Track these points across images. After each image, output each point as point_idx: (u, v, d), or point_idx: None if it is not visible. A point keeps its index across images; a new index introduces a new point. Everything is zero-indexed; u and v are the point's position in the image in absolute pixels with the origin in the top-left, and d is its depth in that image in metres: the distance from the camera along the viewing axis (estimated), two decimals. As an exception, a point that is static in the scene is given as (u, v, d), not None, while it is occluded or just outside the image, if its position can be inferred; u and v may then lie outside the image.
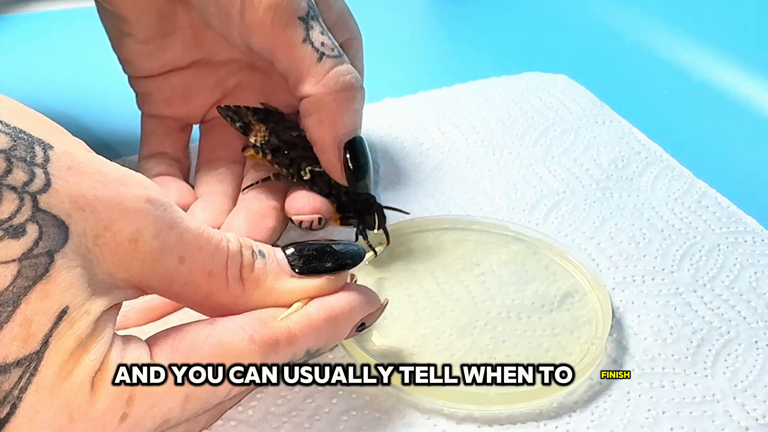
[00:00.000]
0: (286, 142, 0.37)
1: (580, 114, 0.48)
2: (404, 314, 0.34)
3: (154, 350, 0.25)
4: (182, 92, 0.39)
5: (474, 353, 0.33)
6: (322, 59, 0.35)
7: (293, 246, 0.29)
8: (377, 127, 0.46)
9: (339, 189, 0.36)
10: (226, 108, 0.38)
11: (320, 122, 0.35)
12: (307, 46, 0.35)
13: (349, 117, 0.35)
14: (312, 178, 0.36)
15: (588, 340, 0.33)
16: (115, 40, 0.38)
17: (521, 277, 0.36)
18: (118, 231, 0.24)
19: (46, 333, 0.23)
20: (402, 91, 0.49)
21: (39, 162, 0.23)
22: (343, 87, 0.35)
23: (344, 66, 0.35)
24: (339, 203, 0.36)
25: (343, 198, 0.36)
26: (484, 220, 0.39)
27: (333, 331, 0.28)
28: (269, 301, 0.28)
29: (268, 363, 0.26)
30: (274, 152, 0.37)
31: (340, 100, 0.35)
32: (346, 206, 0.36)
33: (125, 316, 0.31)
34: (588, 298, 0.35)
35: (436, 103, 0.49)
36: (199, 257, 0.26)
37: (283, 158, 0.37)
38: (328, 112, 0.35)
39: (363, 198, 0.36)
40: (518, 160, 0.44)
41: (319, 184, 0.36)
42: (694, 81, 0.52)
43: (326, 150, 0.36)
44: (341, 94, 0.35)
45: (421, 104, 0.48)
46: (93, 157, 0.25)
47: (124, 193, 0.24)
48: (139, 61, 0.39)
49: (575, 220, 0.40)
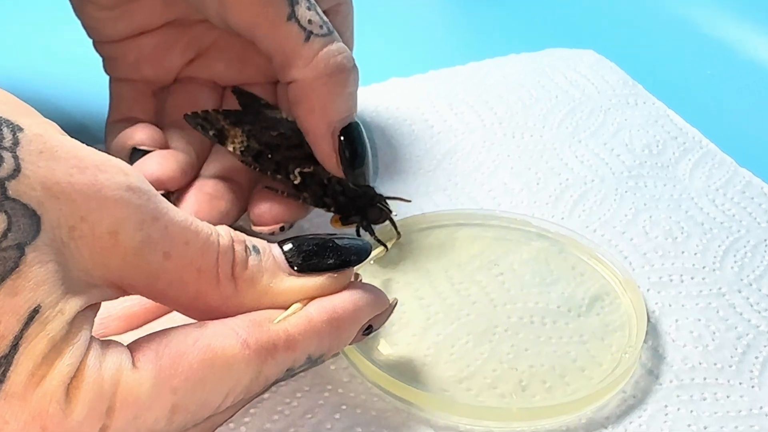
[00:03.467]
0: (267, 145, 0.38)
1: (609, 93, 0.48)
2: (415, 319, 0.34)
3: (136, 356, 0.25)
4: (152, 54, 0.40)
5: (493, 363, 0.33)
6: (309, 39, 0.35)
7: (291, 241, 0.29)
8: (382, 110, 0.46)
9: (335, 189, 0.36)
10: (194, 116, 0.38)
11: (311, 110, 0.35)
12: (293, 25, 0.35)
13: (342, 102, 0.35)
14: (303, 181, 0.37)
15: (620, 348, 0.33)
16: (76, 4, 0.39)
17: (545, 278, 0.36)
18: (95, 222, 0.24)
19: (16, 335, 0.22)
20: (410, 70, 0.49)
21: (7, 145, 0.23)
22: (334, 69, 0.35)
23: (335, 45, 0.35)
24: (337, 204, 0.36)
25: (341, 199, 0.36)
26: (503, 215, 0.39)
27: (337, 335, 0.28)
28: (265, 301, 0.28)
29: (264, 370, 0.26)
30: (257, 158, 0.37)
31: (331, 84, 0.35)
32: (344, 206, 0.36)
33: (102, 324, 0.31)
34: (620, 301, 0.35)
35: (448, 82, 0.48)
36: (186, 253, 0.26)
37: (267, 163, 0.37)
38: (319, 98, 0.35)
39: (361, 193, 0.36)
40: (540, 144, 0.44)
41: (312, 187, 0.37)
42: (739, 59, 0.52)
43: (319, 140, 0.36)
44: (332, 77, 0.35)
45: (432, 84, 0.48)
46: (67, 141, 0.25)
47: (102, 181, 0.24)
48: (103, 27, 0.39)
49: (605, 213, 0.40)
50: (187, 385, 0.25)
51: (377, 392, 0.32)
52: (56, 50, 0.51)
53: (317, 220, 0.39)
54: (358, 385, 0.32)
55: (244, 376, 0.26)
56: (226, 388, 0.26)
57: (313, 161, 0.37)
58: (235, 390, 0.26)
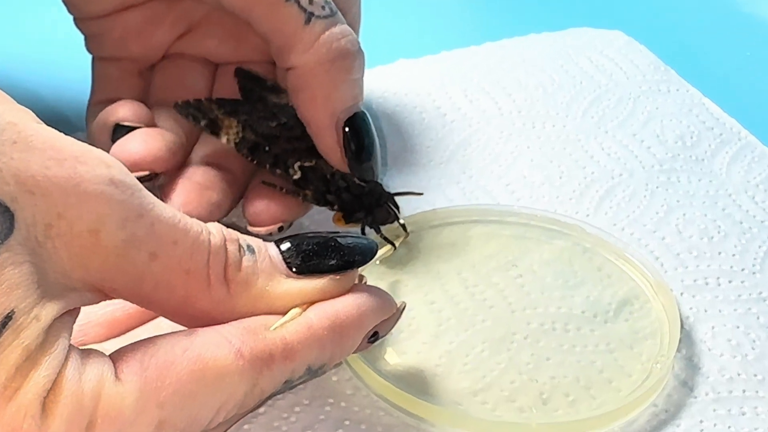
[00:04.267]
0: (264, 137, 0.37)
1: (639, 79, 0.48)
2: (425, 326, 0.34)
3: (119, 367, 0.25)
4: (139, 30, 0.40)
5: (511, 373, 0.33)
6: (310, 21, 0.35)
7: (289, 240, 0.29)
8: (389, 95, 0.46)
9: (338, 185, 0.36)
10: (185, 105, 0.38)
11: (312, 99, 0.35)
12: (292, 5, 0.35)
13: (346, 90, 0.35)
14: (304, 176, 0.37)
15: (651, 358, 0.33)
16: None
17: (568, 280, 0.36)
18: (74, 220, 0.24)
19: (-13, 343, 0.23)
20: (420, 51, 0.49)
21: (-24, 135, 0.23)
22: (337, 54, 0.35)
23: (338, 28, 0.35)
24: (341, 202, 0.36)
25: (345, 195, 0.36)
26: (522, 211, 0.39)
27: (339, 343, 0.28)
28: (260, 306, 0.27)
29: (260, 383, 0.26)
30: (253, 150, 0.37)
31: (334, 71, 0.35)
32: (349, 203, 0.36)
33: (81, 330, 0.31)
34: (650, 305, 0.35)
35: (462, 65, 0.48)
36: (174, 253, 0.26)
37: (264, 156, 0.37)
38: (321, 85, 0.35)
39: (368, 190, 0.36)
40: (563, 135, 0.44)
41: (314, 182, 0.37)
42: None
43: (322, 132, 0.36)
44: (336, 63, 0.35)
45: (444, 66, 0.48)
46: (44, 130, 0.25)
47: (82, 173, 0.24)
48: (85, 2, 0.39)
49: (634, 209, 0.40)
50: (175, 399, 0.25)
51: (384, 406, 0.32)
52: (31, 31, 0.51)
53: (318, 217, 0.39)
54: (362, 399, 0.32)
55: (237, 389, 0.26)
56: (218, 402, 0.26)
57: (315, 154, 0.37)
58: (228, 404, 0.26)
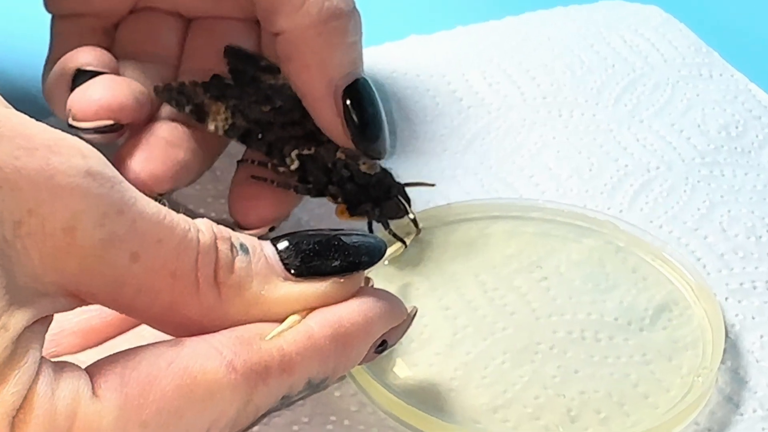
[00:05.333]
0: (257, 123, 0.37)
1: (678, 62, 0.48)
2: (439, 334, 0.34)
3: (97, 381, 0.25)
4: None
5: (535, 387, 0.33)
6: None
7: (287, 238, 0.28)
8: (399, 75, 0.46)
9: (341, 175, 0.36)
10: (166, 89, 0.38)
11: (306, 67, 0.35)
12: None
13: (343, 54, 0.35)
14: (302, 166, 0.36)
15: (692, 370, 0.33)
16: None
17: (599, 284, 0.36)
18: (47, 216, 0.24)
19: (-51, 355, 0.23)
20: (433, 26, 0.49)
21: (-65, 122, 0.23)
22: (329, 15, 0.35)
23: None
24: (344, 192, 0.36)
25: (349, 186, 0.36)
26: (547, 206, 0.39)
27: (343, 353, 0.28)
28: (255, 312, 0.27)
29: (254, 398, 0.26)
30: (245, 138, 0.37)
31: (328, 34, 0.35)
32: (354, 194, 0.36)
33: (54, 341, 0.31)
34: (691, 311, 0.35)
35: (480, 43, 0.48)
36: (158, 253, 0.26)
37: (257, 144, 0.37)
38: (314, 51, 0.35)
39: (375, 180, 0.36)
40: (594, 124, 0.44)
41: (314, 173, 0.36)
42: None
43: (319, 103, 0.36)
44: (329, 25, 0.35)
45: (460, 44, 0.48)
46: (12, 115, 0.24)
47: (55, 164, 0.24)
48: None
49: (673, 205, 0.40)
50: (159, 418, 0.25)
51: (392, 424, 0.32)
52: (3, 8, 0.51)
53: (319, 211, 0.39)
54: (368, 416, 0.32)
55: (229, 405, 0.26)
56: (208, 421, 0.26)
57: (314, 141, 0.37)
58: (219, 423, 0.26)
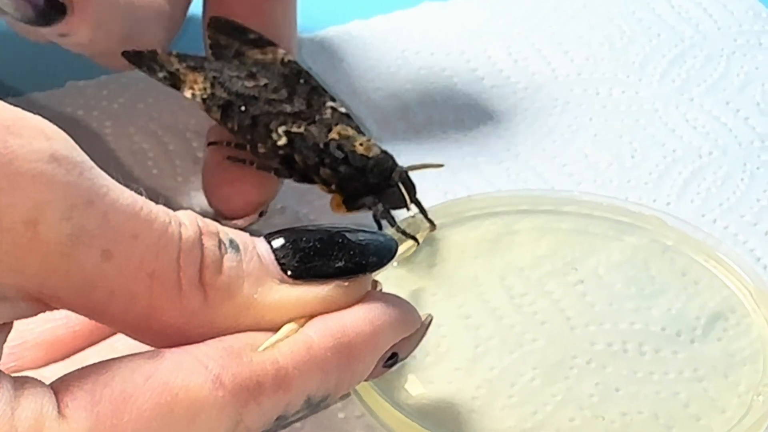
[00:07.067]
0: (239, 95, 0.38)
1: (734, 30, 0.48)
2: (458, 347, 0.34)
3: (63, 399, 0.25)
4: None
5: (570, 408, 0.33)
6: None
7: (284, 234, 0.28)
8: (410, 52, 0.47)
9: (334, 157, 0.36)
10: (137, 55, 0.38)
11: None
12: None
13: None
14: (290, 144, 0.37)
15: (751, 388, 0.34)
16: None
17: (644, 288, 0.36)
18: (5, 208, 0.24)
19: None
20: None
21: None
22: None
23: None
24: (339, 178, 0.36)
25: (343, 168, 0.36)
26: (583, 198, 0.39)
27: (347, 368, 0.28)
28: (246, 320, 0.27)
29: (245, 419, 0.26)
30: (225, 110, 0.38)
31: None
32: (348, 179, 0.36)
33: (14, 353, 0.31)
34: (750, 320, 0.35)
35: (505, 13, 0.49)
36: (134, 250, 0.26)
37: (239, 117, 0.37)
38: None
39: (374, 162, 0.36)
40: (636, 104, 0.44)
41: (303, 152, 0.37)
42: None
43: None
44: None
45: (481, 14, 0.49)
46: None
47: (14, 148, 0.24)
48: None
49: (728, 197, 0.41)
50: (135, 441, 0.25)
51: None
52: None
53: (320, 203, 0.39)
54: None
55: (216, 427, 0.26)
56: (191, 444, 0.26)
57: (304, 120, 0.37)
58: (204, 446, 0.26)
